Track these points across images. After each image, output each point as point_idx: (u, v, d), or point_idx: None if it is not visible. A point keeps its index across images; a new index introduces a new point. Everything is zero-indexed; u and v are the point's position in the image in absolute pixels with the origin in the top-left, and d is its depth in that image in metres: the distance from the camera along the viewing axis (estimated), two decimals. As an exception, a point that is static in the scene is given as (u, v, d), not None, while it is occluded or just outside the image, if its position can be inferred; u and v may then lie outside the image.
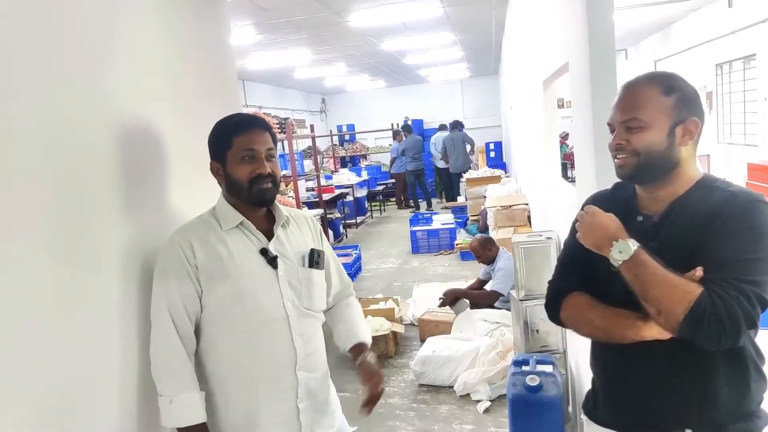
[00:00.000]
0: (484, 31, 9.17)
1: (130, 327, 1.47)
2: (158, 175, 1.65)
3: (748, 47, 7.19)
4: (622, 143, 1.23)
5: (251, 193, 1.46)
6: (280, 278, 1.48)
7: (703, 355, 1.15)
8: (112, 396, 1.39)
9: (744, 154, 7.23)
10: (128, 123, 1.53)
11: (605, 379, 1.37)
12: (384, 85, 15.73)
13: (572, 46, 2.26)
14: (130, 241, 1.50)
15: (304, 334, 1.50)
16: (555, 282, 1.39)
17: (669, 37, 10.16)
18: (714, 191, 1.20)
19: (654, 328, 1.15)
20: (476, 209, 8.22)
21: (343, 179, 10.34)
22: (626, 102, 1.23)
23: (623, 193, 1.34)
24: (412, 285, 5.80)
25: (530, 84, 5.15)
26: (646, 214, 1.26)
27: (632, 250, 1.14)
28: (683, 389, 1.21)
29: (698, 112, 1.23)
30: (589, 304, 1.28)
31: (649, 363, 1.23)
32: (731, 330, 1.06)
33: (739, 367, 1.20)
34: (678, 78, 1.25)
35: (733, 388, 1.19)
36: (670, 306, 1.09)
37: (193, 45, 1.92)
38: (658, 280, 1.11)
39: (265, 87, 13.18)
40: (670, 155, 1.21)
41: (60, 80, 1.30)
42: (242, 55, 8.59)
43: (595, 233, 1.21)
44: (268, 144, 1.48)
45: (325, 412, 1.58)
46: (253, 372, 1.45)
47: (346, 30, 7.69)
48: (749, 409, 1.22)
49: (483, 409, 3.31)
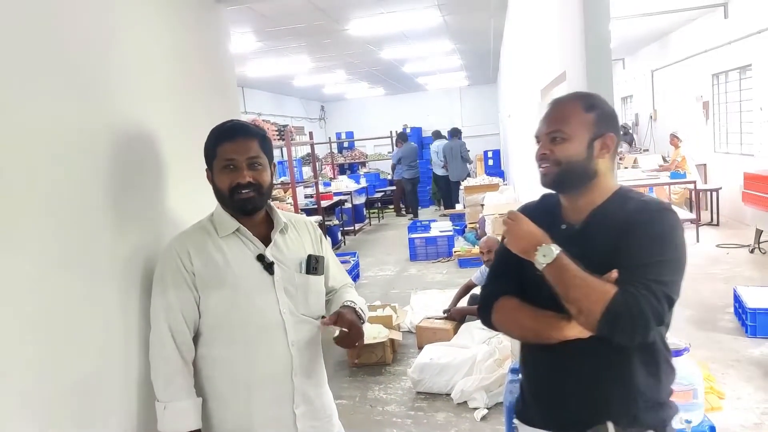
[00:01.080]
0: (482, 40, 9.23)
1: (131, 330, 1.48)
2: (157, 181, 1.66)
3: (743, 58, 7.25)
4: (546, 153, 1.32)
5: (233, 201, 1.46)
6: (277, 284, 1.48)
7: (621, 352, 1.25)
8: (114, 399, 1.41)
9: (740, 163, 7.27)
10: (128, 129, 1.54)
11: (534, 379, 1.44)
12: (383, 92, 15.80)
13: (569, 55, 2.28)
14: (131, 247, 1.51)
15: (300, 341, 1.50)
16: (486, 287, 1.47)
17: (666, 47, 10.23)
18: (628, 201, 1.31)
19: (575, 328, 1.23)
20: (474, 217, 8.23)
21: (341, 186, 10.34)
22: (552, 116, 1.34)
23: (549, 203, 1.44)
24: (410, 292, 5.79)
25: (528, 93, 5.18)
26: (569, 222, 1.36)
27: (554, 254, 1.22)
28: (605, 384, 1.30)
29: (615, 129, 1.35)
30: (519, 307, 1.36)
31: (574, 361, 1.31)
32: (642, 326, 1.16)
33: (653, 362, 1.30)
34: (598, 98, 1.39)
35: (648, 380, 1.29)
36: (589, 306, 1.18)
37: (192, 51, 1.94)
38: (577, 282, 1.20)
39: (265, 94, 13.22)
40: (589, 166, 1.32)
41: (61, 88, 1.31)
42: (242, 62, 8.63)
43: (521, 239, 1.29)
44: (251, 152, 1.46)
45: (322, 419, 1.58)
46: (249, 377, 1.46)
47: (345, 38, 7.73)
48: (661, 399, 1.33)
49: (480, 416, 3.30)
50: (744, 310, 4.06)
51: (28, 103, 1.21)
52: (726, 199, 7.64)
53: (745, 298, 4.11)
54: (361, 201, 10.87)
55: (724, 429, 2.81)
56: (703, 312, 4.48)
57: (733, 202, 7.42)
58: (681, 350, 2.03)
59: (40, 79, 1.24)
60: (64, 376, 1.25)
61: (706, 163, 8.69)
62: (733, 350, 3.81)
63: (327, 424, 1.60)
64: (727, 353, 3.77)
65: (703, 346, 3.84)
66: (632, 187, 1.42)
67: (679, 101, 9.78)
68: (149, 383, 1.45)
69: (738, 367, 3.57)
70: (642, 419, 1.29)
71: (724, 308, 4.50)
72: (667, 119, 10.54)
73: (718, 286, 5.00)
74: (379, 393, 3.75)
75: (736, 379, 3.40)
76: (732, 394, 3.22)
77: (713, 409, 3.01)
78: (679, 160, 8.05)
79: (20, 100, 1.18)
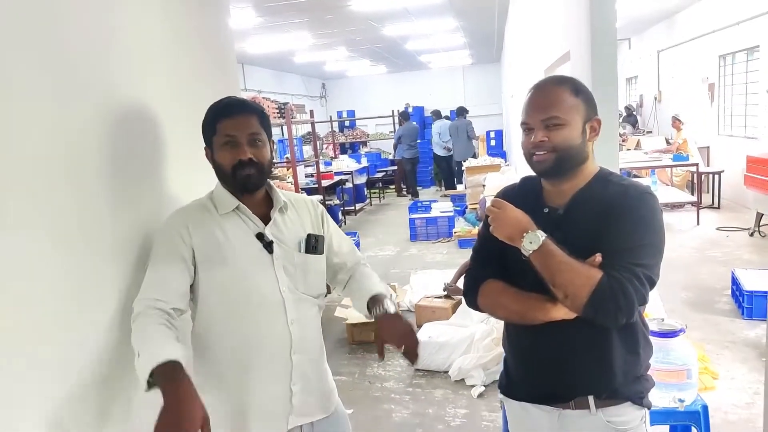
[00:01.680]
0: (486, 18, 9.11)
1: (129, 310, 1.45)
2: (155, 160, 1.63)
3: (751, 39, 7.15)
4: (544, 140, 1.31)
5: (235, 179, 1.45)
6: (276, 263, 1.48)
7: (602, 330, 1.31)
8: (117, 383, 1.40)
9: (744, 147, 7.23)
10: (126, 108, 1.52)
11: (519, 357, 1.49)
12: (385, 70, 15.66)
13: (573, 35, 2.26)
14: (131, 228, 1.50)
15: (299, 318, 1.50)
16: (472, 271, 1.50)
17: (673, 27, 10.10)
18: (609, 185, 1.33)
19: (561, 310, 1.28)
20: (475, 198, 8.22)
21: (342, 166, 10.31)
22: (542, 102, 1.33)
23: (530, 187, 1.45)
24: (410, 272, 5.83)
25: (531, 73, 5.13)
26: (552, 206, 1.38)
27: (541, 240, 1.25)
28: (586, 360, 1.35)
29: (597, 112, 1.36)
30: (504, 290, 1.39)
31: (556, 340, 1.35)
32: (627, 308, 1.21)
33: (632, 338, 1.36)
34: (578, 81, 1.39)
35: (627, 356, 1.35)
36: (575, 290, 1.22)
37: (191, 26, 1.92)
38: (563, 267, 1.23)
39: (265, 71, 13.11)
40: (583, 150, 1.34)
41: (58, 65, 1.29)
42: (242, 38, 8.54)
43: (507, 226, 1.31)
44: (252, 129, 1.45)
45: (320, 396, 1.58)
46: (248, 354, 1.46)
47: (347, 14, 7.63)
48: (639, 373, 1.39)
49: (477, 393, 3.35)
50: (741, 293, 4.09)
51: (25, 82, 1.19)
52: (728, 182, 7.62)
53: (743, 280, 4.13)
54: (362, 181, 10.84)
55: (716, 408, 2.86)
56: (701, 294, 4.51)
57: (734, 185, 7.40)
58: (677, 331, 2.04)
59: (34, 55, 1.22)
60: (65, 359, 1.25)
61: (710, 146, 8.65)
62: (729, 332, 3.85)
63: (325, 401, 1.60)
64: (723, 335, 3.81)
65: (700, 328, 3.88)
66: (632, 169, 1.43)
67: (685, 83, 9.69)
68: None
69: (733, 348, 3.61)
70: (621, 392, 1.35)
71: (722, 290, 4.53)
72: (671, 101, 10.46)
73: (717, 269, 5.02)
74: (377, 370, 3.80)
75: (730, 360, 3.44)
76: (726, 375, 3.27)
77: (707, 389, 3.05)
78: (680, 142, 8.01)
79: (16, 79, 1.17)
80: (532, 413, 1.46)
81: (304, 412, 1.53)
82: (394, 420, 3.17)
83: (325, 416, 1.59)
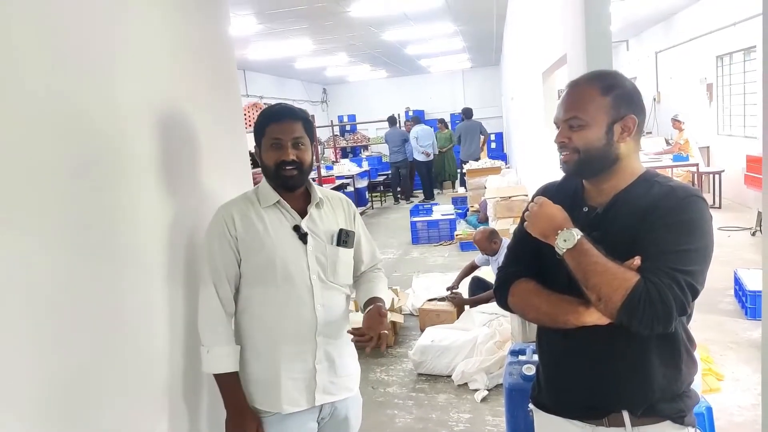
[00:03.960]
0: (485, 22, 9.14)
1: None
2: (152, 165, 1.66)
3: (748, 39, 7.16)
4: (564, 141, 1.28)
5: (278, 177, 1.62)
6: (309, 253, 1.64)
7: (638, 341, 1.22)
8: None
9: (743, 146, 7.23)
10: (127, 116, 1.54)
11: (550, 364, 1.42)
12: (385, 75, 15.69)
13: (570, 38, 2.27)
14: (134, 228, 1.53)
15: (326, 304, 1.65)
16: (504, 269, 1.45)
17: (670, 28, 10.12)
18: (654, 185, 1.26)
19: (594, 314, 1.20)
20: (476, 200, 8.23)
21: (343, 170, 10.34)
22: (569, 101, 1.29)
23: (571, 184, 1.39)
24: (412, 275, 5.83)
25: (530, 75, 5.15)
26: (591, 205, 1.32)
27: (576, 239, 1.19)
28: (621, 372, 1.27)
29: (636, 109, 1.28)
30: (535, 290, 1.33)
31: (590, 347, 1.28)
32: (664, 316, 1.13)
33: (672, 351, 1.27)
34: (618, 76, 1.32)
35: (667, 370, 1.26)
36: (609, 293, 1.14)
37: (191, 35, 1.93)
38: (599, 268, 1.16)
39: (266, 77, 13.15)
40: (609, 151, 1.26)
41: (67, 69, 1.32)
42: (243, 44, 8.58)
43: (542, 223, 1.26)
44: (296, 133, 1.61)
45: (342, 376, 1.71)
46: (279, 333, 1.62)
47: (347, 20, 7.67)
48: (680, 390, 1.29)
49: (480, 398, 3.34)
50: (744, 293, 4.08)
51: (32, 89, 1.22)
52: (728, 181, 7.62)
53: (745, 280, 4.12)
54: (363, 184, 10.86)
55: (721, 410, 2.85)
56: (704, 294, 4.36)
57: (735, 184, 7.40)
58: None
59: (43, 58, 1.25)
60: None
61: (709, 146, 8.65)
62: (733, 332, 3.84)
63: (347, 381, 1.73)
64: (727, 335, 3.80)
65: (703, 329, 3.87)
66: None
67: (683, 83, 9.70)
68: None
69: (737, 348, 3.60)
70: (659, 409, 1.27)
71: (725, 291, 4.52)
72: (670, 102, 10.47)
73: (719, 269, 5.00)
74: (380, 375, 3.80)
75: (735, 361, 3.44)
76: (731, 376, 3.26)
77: (712, 391, 3.05)
78: (682, 142, 8.01)
79: (26, 87, 1.19)
80: (562, 429, 1.38)
81: (329, 391, 1.68)
82: (397, 425, 3.17)
83: (349, 396, 1.74)
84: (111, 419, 1.41)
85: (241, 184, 2.08)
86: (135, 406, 1.51)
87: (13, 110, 1.17)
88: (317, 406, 1.67)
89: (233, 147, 2.13)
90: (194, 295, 1.66)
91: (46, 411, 1.22)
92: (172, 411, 1.66)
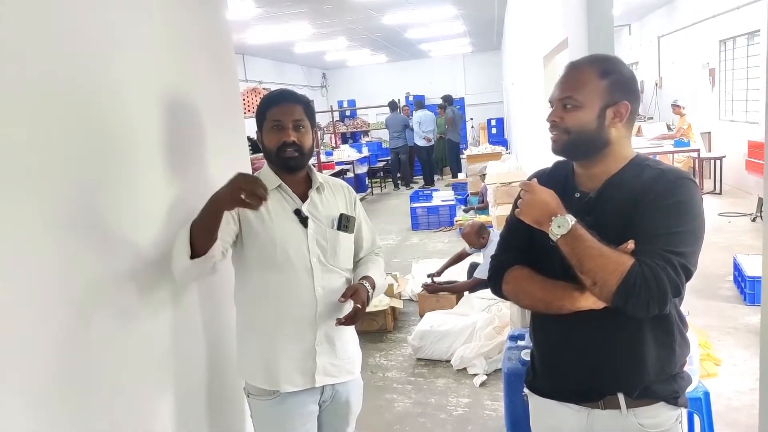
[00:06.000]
0: (486, 6, 9.05)
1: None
2: (151, 149, 1.65)
3: (752, 23, 7.09)
4: (556, 120, 1.29)
5: (279, 159, 1.64)
6: (309, 236, 1.66)
7: (633, 323, 1.24)
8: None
9: (745, 132, 7.20)
10: (126, 102, 1.53)
11: (545, 349, 1.42)
12: (385, 60, 15.58)
13: (571, 22, 2.25)
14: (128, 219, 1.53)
15: (326, 287, 1.67)
16: (497, 256, 1.44)
17: (673, 12, 10.01)
18: (645, 169, 1.26)
19: (589, 299, 1.21)
20: (476, 186, 8.22)
21: (343, 155, 10.31)
22: (566, 81, 1.29)
23: (562, 170, 1.40)
24: (412, 261, 5.84)
25: (531, 60, 5.11)
26: (583, 190, 1.33)
27: (570, 224, 1.19)
28: (616, 355, 1.28)
29: (631, 96, 1.28)
30: (530, 276, 1.34)
31: (585, 331, 1.30)
32: (659, 298, 1.14)
33: (666, 333, 1.28)
34: (617, 62, 1.32)
35: (660, 352, 1.28)
36: (604, 277, 1.15)
37: (189, 20, 1.90)
38: (593, 253, 1.17)
39: (265, 61, 13.06)
40: (600, 135, 1.27)
41: (66, 54, 1.31)
42: (242, 29, 8.50)
43: (535, 209, 1.25)
44: (297, 115, 1.63)
45: (343, 359, 1.73)
46: (279, 313, 1.64)
47: (346, 3, 7.59)
48: (674, 371, 1.31)
49: (479, 382, 3.37)
50: (743, 278, 4.09)
51: (36, 81, 1.21)
52: (729, 167, 7.59)
53: (745, 266, 4.13)
54: (363, 170, 10.84)
55: (719, 394, 2.87)
56: (703, 280, 4.51)
57: (736, 170, 7.38)
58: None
59: (42, 46, 1.24)
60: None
61: (711, 131, 8.61)
62: (732, 318, 3.85)
63: (347, 363, 1.75)
64: (725, 321, 3.82)
65: (702, 314, 3.88)
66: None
67: (686, 68, 9.63)
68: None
69: (735, 334, 3.62)
70: (653, 391, 1.28)
71: (724, 276, 4.53)
72: (672, 86, 10.40)
73: (719, 255, 5.01)
74: (380, 360, 3.82)
75: (733, 346, 3.45)
76: (729, 361, 3.28)
77: (709, 376, 3.06)
78: (685, 127, 7.98)
79: (28, 79, 1.18)
80: (558, 412, 1.38)
81: (330, 373, 1.69)
82: (396, 409, 3.19)
83: (350, 378, 1.76)
84: (111, 416, 1.41)
85: (239, 170, 2.07)
86: (136, 402, 1.51)
87: (12, 99, 1.16)
88: (318, 388, 1.68)
89: (232, 132, 2.12)
90: (198, 288, 1.67)
91: (48, 408, 1.22)
92: (174, 409, 1.65)
